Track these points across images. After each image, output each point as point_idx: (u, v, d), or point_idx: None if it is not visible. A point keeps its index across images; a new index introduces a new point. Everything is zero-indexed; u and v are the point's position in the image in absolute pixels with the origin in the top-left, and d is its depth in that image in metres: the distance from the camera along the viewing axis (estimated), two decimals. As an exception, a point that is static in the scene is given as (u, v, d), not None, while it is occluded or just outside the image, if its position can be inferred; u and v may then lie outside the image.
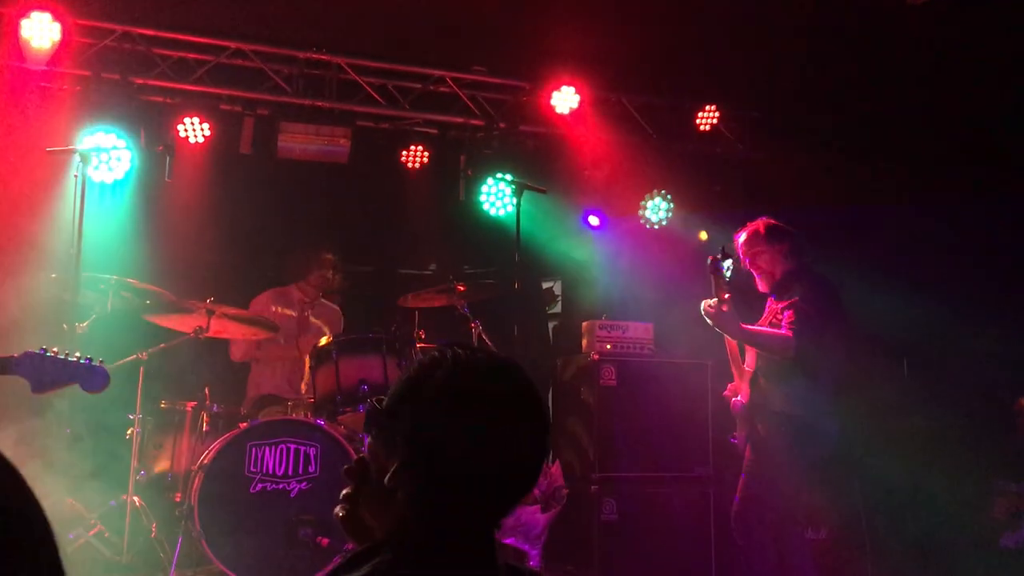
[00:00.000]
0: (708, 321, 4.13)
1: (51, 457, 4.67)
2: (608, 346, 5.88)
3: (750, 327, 4.19)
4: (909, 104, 6.01)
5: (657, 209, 7.00)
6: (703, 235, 6.61)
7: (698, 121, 6.85)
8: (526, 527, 5.07)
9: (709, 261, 4.09)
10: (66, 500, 4.60)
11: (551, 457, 5.32)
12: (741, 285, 4.50)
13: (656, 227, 6.99)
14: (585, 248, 7.04)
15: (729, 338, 4.27)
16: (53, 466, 4.66)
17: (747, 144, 7.01)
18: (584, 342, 6.02)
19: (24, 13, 5.39)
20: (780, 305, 4.21)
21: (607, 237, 7.14)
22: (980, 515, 5.09)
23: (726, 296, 4.06)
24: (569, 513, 5.31)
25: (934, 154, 5.91)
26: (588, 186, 7.00)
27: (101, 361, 2.51)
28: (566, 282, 7.22)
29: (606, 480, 5.57)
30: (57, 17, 5.44)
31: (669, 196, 6.98)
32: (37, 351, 2.40)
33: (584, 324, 6.08)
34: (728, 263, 4.10)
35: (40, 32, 5.43)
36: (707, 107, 6.83)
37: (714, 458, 5.63)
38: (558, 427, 6.07)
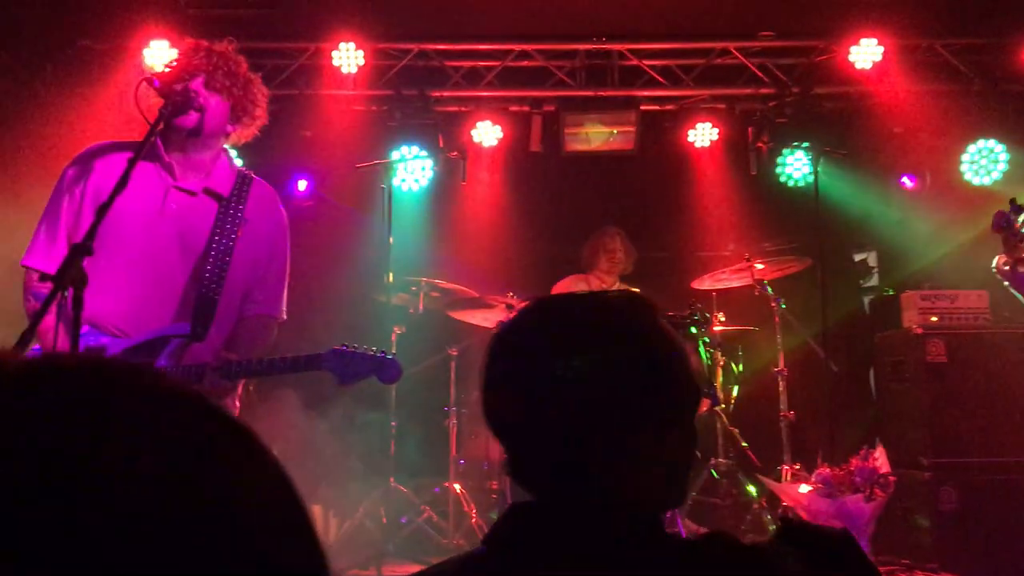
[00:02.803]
0: (1001, 280, 3.50)
1: (380, 447, 5.08)
2: (934, 318, 5.31)
3: None
4: None
5: (984, 163, 6.22)
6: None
7: (1030, 56, 5.98)
8: (850, 516, 4.70)
9: (995, 217, 3.47)
10: (396, 487, 4.97)
11: (874, 441, 4.90)
12: None
13: (985, 181, 6.21)
14: (901, 214, 6.41)
15: None
16: (383, 456, 5.07)
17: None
18: (905, 315, 5.49)
19: (333, 45, 5.94)
20: None
21: (925, 199, 6.44)
22: None
23: (1021, 255, 3.41)
24: (899, 502, 4.85)
25: None
26: (899, 145, 6.37)
27: (394, 354, 2.67)
28: (881, 252, 6.62)
29: (942, 467, 5.02)
30: (360, 45, 5.93)
31: (1000, 148, 6.17)
32: (339, 347, 2.59)
33: (903, 296, 5.55)
34: (1023, 217, 3.44)
35: (348, 60, 5.95)
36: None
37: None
38: (881, 409, 5.59)
